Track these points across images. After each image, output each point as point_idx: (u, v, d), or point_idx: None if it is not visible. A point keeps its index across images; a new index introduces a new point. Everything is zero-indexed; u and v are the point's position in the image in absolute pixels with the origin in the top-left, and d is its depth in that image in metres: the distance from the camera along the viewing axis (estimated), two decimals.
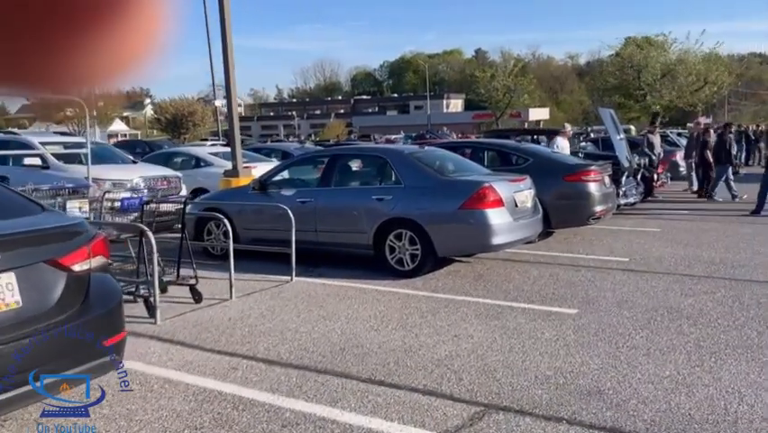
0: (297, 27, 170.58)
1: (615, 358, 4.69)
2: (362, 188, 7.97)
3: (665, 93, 35.84)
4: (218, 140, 33.23)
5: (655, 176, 14.53)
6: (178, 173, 11.64)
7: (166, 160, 13.62)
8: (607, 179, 9.94)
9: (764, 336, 5.17)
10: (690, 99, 36.39)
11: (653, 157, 15.72)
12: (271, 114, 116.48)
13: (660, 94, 35.96)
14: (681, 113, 40.37)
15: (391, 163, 7.67)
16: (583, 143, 17.84)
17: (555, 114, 79.44)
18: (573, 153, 14.48)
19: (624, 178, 11.87)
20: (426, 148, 8.59)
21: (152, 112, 55.67)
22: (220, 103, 38.16)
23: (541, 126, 49.91)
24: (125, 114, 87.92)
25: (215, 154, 13.35)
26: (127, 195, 7.23)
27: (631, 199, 12.26)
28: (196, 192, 12.09)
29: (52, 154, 11.08)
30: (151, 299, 5.78)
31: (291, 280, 7.36)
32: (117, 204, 6.80)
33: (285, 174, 8.66)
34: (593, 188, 9.38)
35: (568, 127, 14.77)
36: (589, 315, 5.85)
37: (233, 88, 11.15)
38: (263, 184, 8.45)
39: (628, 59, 36.12)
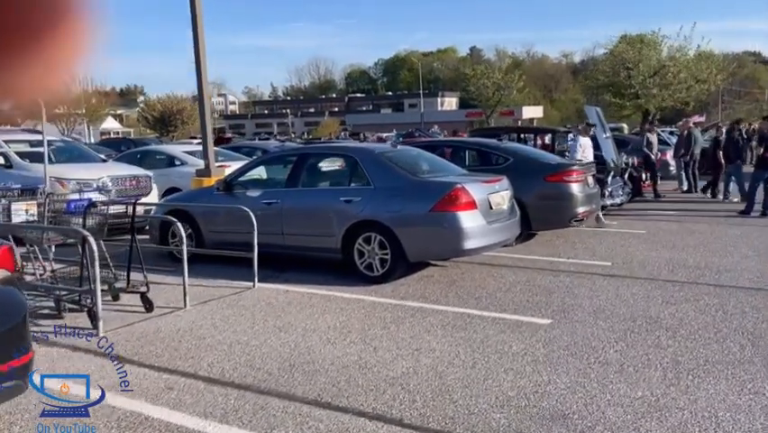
0: (290, 25, 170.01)
1: (585, 376, 4.33)
2: (330, 189, 7.59)
3: (656, 91, 35.50)
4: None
5: (643, 175, 14.18)
6: (149, 173, 11.24)
7: (140, 158, 13.21)
8: (590, 180, 9.58)
9: (747, 349, 4.82)
10: (681, 97, 36.06)
11: (652, 156, 15.34)
12: (266, 112, 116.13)
13: (651, 92, 35.62)
14: (674, 111, 40.11)
15: (360, 163, 7.30)
16: (570, 142, 17.51)
17: (549, 112, 79.26)
18: (560, 153, 14.16)
19: (610, 178, 11.52)
20: (400, 147, 8.22)
21: (139, 110, 54.99)
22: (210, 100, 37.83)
23: (534, 124, 49.67)
24: (119, 111, 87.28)
25: (190, 153, 12.94)
26: (75, 196, 6.82)
27: (617, 200, 11.92)
28: (169, 192, 11.69)
29: (17, 153, 10.66)
30: (95, 308, 5.39)
31: (253, 286, 6.98)
32: (63, 206, 6.39)
33: (251, 174, 8.27)
34: (575, 188, 9.02)
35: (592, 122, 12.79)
36: (563, 325, 5.49)
37: (205, 85, 10.76)
38: (228, 184, 8.07)
39: (620, 57, 35.77)
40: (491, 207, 7.16)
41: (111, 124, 75.83)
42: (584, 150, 11.93)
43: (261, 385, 4.25)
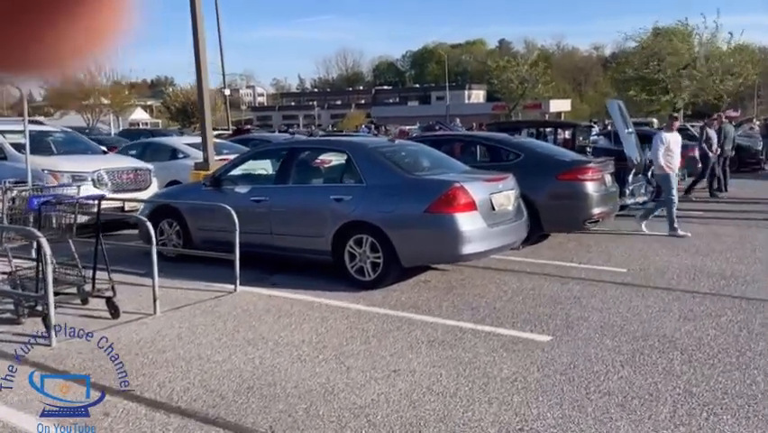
0: (319, 18, 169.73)
1: (580, 409, 3.75)
2: (320, 187, 7.07)
3: (688, 85, 34.18)
4: (227, 129, 32.57)
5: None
6: (149, 166, 10.83)
7: (143, 150, 12.84)
8: (608, 178, 8.91)
9: None
10: (714, 91, 34.67)
11: (711, 153, 14.40)
12: (292, 104, 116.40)
13: (682, 85, 34.32)
14: (707, 106, 38.72)
15: (353, 159, 6.76)
16: (594, 137, 16.77)
17: (579, 106, 77.65)
18: (581, 149, 13.46)
19: (631, 175, 10.80)
20: (398, 142, 7.65)
21: (161, 101, 55.07)
22: (228, 92, 37.57)
23: (562, 119, 48.50)
24: (149, 102, 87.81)
25: (193, 145, 12.51)
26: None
27: (639, 199, 11.19)
28: (171, 185, 11.28)
29: (12, 144, 10.32)
30: (48, 315, 4.94)
31: (235, 290, 6.50)
32: (24, 202, 5.95)
33: (241, 169, 7.79)
34: (590, 187, 8.37)
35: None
36: (564, 344, 4.90)
37: (204, 76, 10.30)
38: (217, 180, 7.59)
39: (649, 49, 34.50)
40: (494, 208, 6.57)
41: (140, 115, 76.25)
42: (669, 148, 9.53)
43: (209, 412, 3.75)
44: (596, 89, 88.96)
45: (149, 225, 5.92)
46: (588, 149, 13.56)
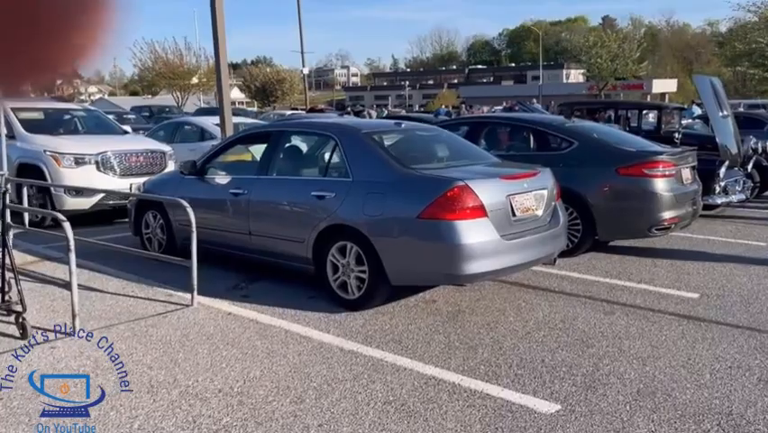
0: None
1: None
2: (301, 180, 5.77)
3: None
4: (304, 108, 31.91)
5: None
6: (166, 148, 9.91)
7: (173, 131, 12.04)
8: (686, 173, 7.11)
9: None
10: None
11: None
12: (385, 84, 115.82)
13: None
14: None
15: (340, 146, 5.42)
16: (688, 120, 14.55)
17: (687, 86, 72.01)
18: (667, 135, 11.50)
19: (723, 168, 8.84)
20: (404, 125, 6.21)
21: (242, 81, 55.33)
22: (306, 71, 36.88)
23: (666, 100, 44.64)
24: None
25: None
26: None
27: (734, 197, 9.19)
28: None
29: (27, 120, 9.66)
30: None
31: (191, 303, 5.36)
32: None
33: (225, 155, 6.63)
34: (660, 185, 6.65)
35: None
36: (575, 421, 3.41)
37: (222, 54, 9.22)
38: (196, 168, 6.46)
39: (765, 20, 30.40)
40: (514, 214, 5.06)
41: (236, 94, 77.83)
42: None
43: None
44: (708, 68, 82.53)
45: (65, 224, 4.81)
46: (676, 135, 11.57)
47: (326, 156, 5.65)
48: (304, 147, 6.19)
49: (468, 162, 5.72)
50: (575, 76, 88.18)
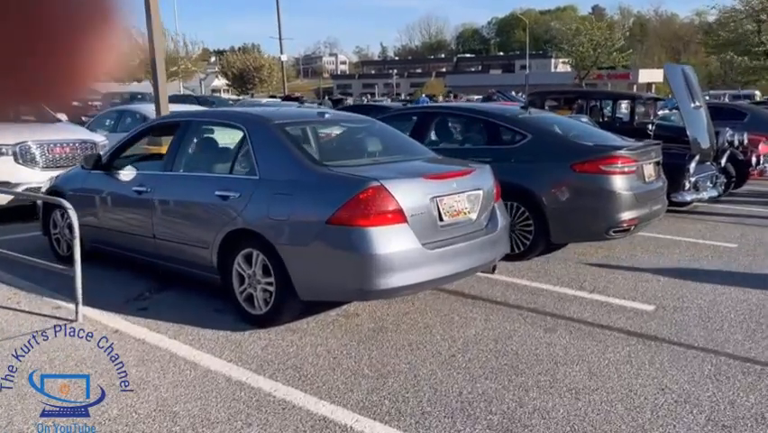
0: None
1: None
2: (206, 177, 5.09)
3: None
4: (280, 97, 31.15)
5: (753, 160, 10.52)
6: (98, 139, 9.20)
7: (119, 118, 11.32)
8: (650, 169, 6.50)
9: None
10: None
11: None
12: (373, 72, 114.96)
13: None
14: None
15: (249, 138, 4.75)
16: (665, 111, 13.94)
17: None
18: (641, 127, 10.91)
19: (694, 163, 8.23)
20: (328, 115, 5.52)
21: (219, 67, 54.31)
22: (285, 58, 36.07)
23: (653, 92, 44.05)
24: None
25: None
26: None
27: (705, 194, 8.59)
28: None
29: None
30: None
31: (76, 318, 4.70)
32: None
33: (135, 148, 5.95)
34: (618, 183, 6.03)
35: None
36: None
37: (157, 36, 8.49)
38: (102, 161, 5.78)
39: (750, 6, 29.81)
40: (441, 218, 4.43)
41: (222, 81, 76.66)
42: None
43: None
44: (696, 58, 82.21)
45: None
46: (650, 127, 10.97)
47: (234, 150, 4.98)
48: (211, 140, 5.51)
49: (399, 159, 5.07)
50: (564, 66, 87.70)
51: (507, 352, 4.21)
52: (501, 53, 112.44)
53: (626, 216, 6.06)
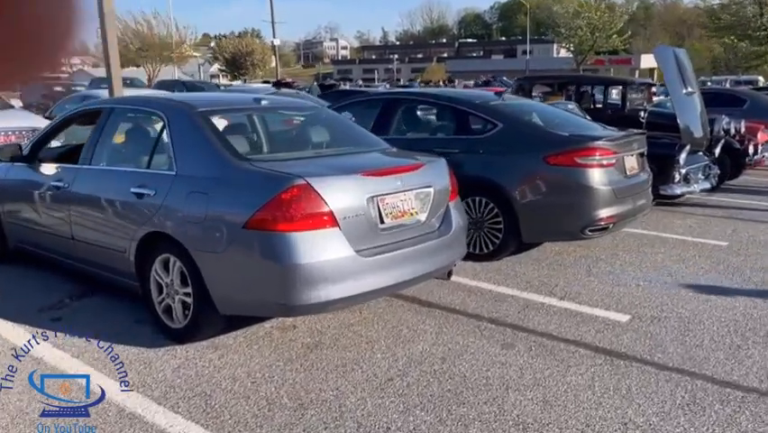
0: None
1: None
2: (122, 172, 4.54)
3: None
4: (273, 82, 30.48)
5: (751, 149, 9.92)
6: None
7: (80, 104, 10.75)
8: (632, 161, 5.94)
9: None
10: None
11: None
12: (374, 57, 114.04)
13: None
14: None
15: (168, 128, 4.19)
16: (661, 97, 13.34)
17: None
18: (632, 114, 10.32)
19: (684, 153, 7.65)
20: (265, 102, 4.91)
21: (211, 52, 53.50)
22: (278, 42, 35.35)
23: (655, 77, 43.21)
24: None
25: None
26: None
27: (696, 187, 8.01)
28: None
29: None
30: None
31: None
32: None
33: (58, 137, 5.40)
34: (596, 177, 5.47)
35: None
36: None
37: (110, 15, 7.91)
38: (22, 153, 5.23)
39: None
40: (383, 221, 3.88)
41: (215, 68, 75.91)
42: None
43: None
44: (700, 43, 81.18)
45: None
46: (642, 114, 10.39)
47: (152, 142, 4.41)
48: (132, 129, 4.94)
49: (340, 152, 4.52)
50: (566, 51, 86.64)
51: (453, 374, 3.67)
52: (503, 38, 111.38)
53: (604, 213, 5.50)
